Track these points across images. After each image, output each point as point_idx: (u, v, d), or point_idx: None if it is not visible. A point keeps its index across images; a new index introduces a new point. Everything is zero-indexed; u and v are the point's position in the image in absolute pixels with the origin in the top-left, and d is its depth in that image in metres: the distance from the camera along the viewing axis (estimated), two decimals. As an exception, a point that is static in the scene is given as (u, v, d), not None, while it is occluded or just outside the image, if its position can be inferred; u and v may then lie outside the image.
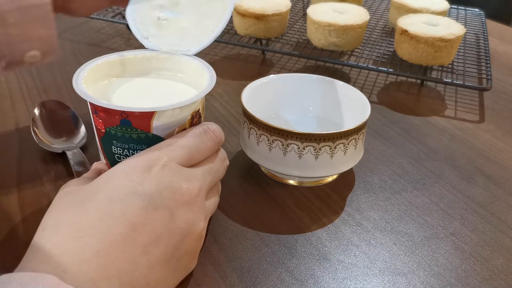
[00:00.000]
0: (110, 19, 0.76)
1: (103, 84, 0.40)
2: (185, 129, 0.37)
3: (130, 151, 0.36)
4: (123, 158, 0.37)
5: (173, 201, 0.31)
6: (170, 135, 0.36)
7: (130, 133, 0.35)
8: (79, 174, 0.43)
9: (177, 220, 0.31)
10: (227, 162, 0.38)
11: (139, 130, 0.35)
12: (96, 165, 0.38)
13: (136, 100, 0.39)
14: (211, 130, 0.36)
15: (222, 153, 0.38)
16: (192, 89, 0.40)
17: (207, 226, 0.39)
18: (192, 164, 0.35)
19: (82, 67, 0.39)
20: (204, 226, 0.34)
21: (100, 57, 0.40)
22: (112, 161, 0.37)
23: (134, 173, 0.31)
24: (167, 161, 0.32)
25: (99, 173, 0.36)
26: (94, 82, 0.39)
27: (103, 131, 0.36)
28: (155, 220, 0.30)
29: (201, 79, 0.39)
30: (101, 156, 0.39)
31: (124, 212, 0.29)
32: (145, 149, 0.36)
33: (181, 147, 0.34)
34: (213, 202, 0.37)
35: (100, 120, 0.36)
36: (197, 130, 0.36)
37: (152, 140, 0.36)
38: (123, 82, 0.41)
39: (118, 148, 0.36)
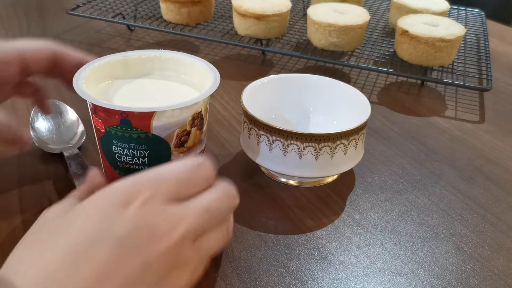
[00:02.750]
0: (111, 19, 0.76)
1: (105, 85, 0.40)
2: (185, 130, 0.37)
3: (130, 150, 0.36)
4: (123, 157, 0.37)
5: (148, 246, 0.27)
6: (171, 135, 0.36)
7: (130, 133, 0.35)
8: (76, 176, 0.42)
9: (151, 270, 0.27)
10: (237, 201, 0.33)
11: (139, 130, 0.35)
12: (90, 180, 0.33)
13: (137, 100, 0.39)
14: (203, 165, 0.32)
15: (231, 190, 0.32)
16: (194, 91, 0.40)
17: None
18: (182, 199, 0.30)
19: (83, 67, 0.38)
20: (189, 277, 0.29)
21: (103, 57, 0.40)
22: (112, 161, 0.37)
23: (109, 210, 0.28)
24: (150, 196, 0.28)
25: (91, 192, 0.33)
26: (96, 82, 0.39)
27: (102, 131, 0.36)
28: (126, 267, 0.26)
29: (204, 81, 0.39)
30: (100, 157, 0.39)
31: (91, 258, 0.26)
32: (145, 148, 0.36)
33: (170, 179, 0.30)
34: (212, 245, 0.31)
35: (100, 120, 0.36)
36: (189, 162, 0.31)
37: (152, 140, 0.36)
38: (125, 83, 0.41)
39: (118, 148, 0.36)
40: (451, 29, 0.64)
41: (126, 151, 0.36)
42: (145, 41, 0.77)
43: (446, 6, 0.76)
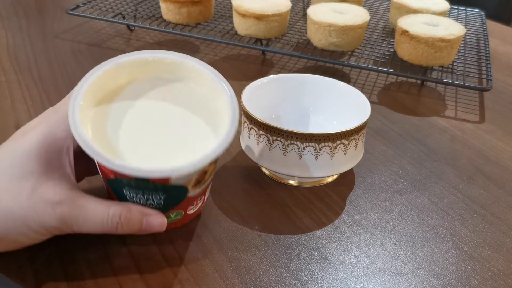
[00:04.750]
0: (111, 19, 0.76)
1: (106, 109, 0.35)
2: (205, 172, 0.34)
3: (145, 195, 0.33)
4: (136, 199, 0.33)
5: None
6: (189, 180, 0.33)
7: (146, 184, 0.32)
8: None
9: None
10: None
11: (156, 183, 0.32)
12: None
13: (152, 156, 0.34)
14: None
15: None
16: (209, 129, 0.35)
17: (207, 227, 0.39)
18: None
19: (80, 84, 0.33)
20: None
21: (104, 63, 0.35)
22: (122, 200, 0.34)
23: None
24: None
25: None
26: (96, 103, 0.34)
27: (112, 176, 0.33)
28: None
29: (219, 99, 0.36)
30: (106, 189, 0.36)
31: None
32: (161, 194, 0.33)
33: None
34: None
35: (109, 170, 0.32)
36: None
37: (170, 189, 0.33)
38: (131, 118, 0.35)
39: (131, 192, 0.33)
40: (451, 29, 0.64)
41: (140, 195, 0.33)
42: (145, 41, 0.77)
43: (446, 6, 0.76)
